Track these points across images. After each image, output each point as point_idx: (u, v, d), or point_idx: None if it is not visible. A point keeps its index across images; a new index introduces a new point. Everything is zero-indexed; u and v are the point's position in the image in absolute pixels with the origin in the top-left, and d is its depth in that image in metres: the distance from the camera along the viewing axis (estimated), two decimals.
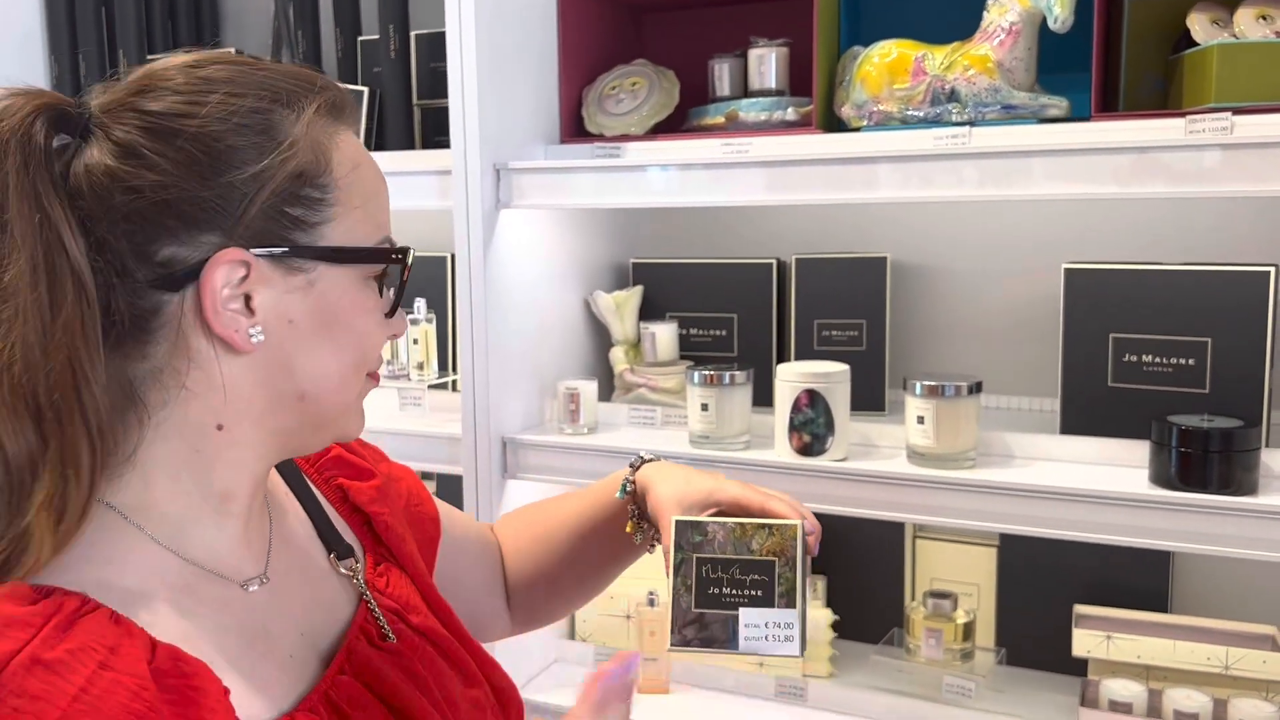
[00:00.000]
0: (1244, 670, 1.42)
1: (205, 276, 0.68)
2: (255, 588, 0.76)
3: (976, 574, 1.67)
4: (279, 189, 0.70)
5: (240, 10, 2.21)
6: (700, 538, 0.86)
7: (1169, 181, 1.23)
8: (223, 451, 0.72)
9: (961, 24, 1.44)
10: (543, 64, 1.65)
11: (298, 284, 0.72)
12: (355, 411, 0.79)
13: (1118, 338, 1.44)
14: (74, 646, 0.61)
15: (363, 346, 0.76)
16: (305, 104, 0.73)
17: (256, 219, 0.70)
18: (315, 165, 0.72)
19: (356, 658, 0.78)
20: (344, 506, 0.90)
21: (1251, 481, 1.24)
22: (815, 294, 1.67)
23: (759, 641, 0.84)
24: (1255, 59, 1.25)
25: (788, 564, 0.85)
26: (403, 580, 0.88)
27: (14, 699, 0.58)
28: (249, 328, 0.70)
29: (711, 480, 0.92)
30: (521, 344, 1.63)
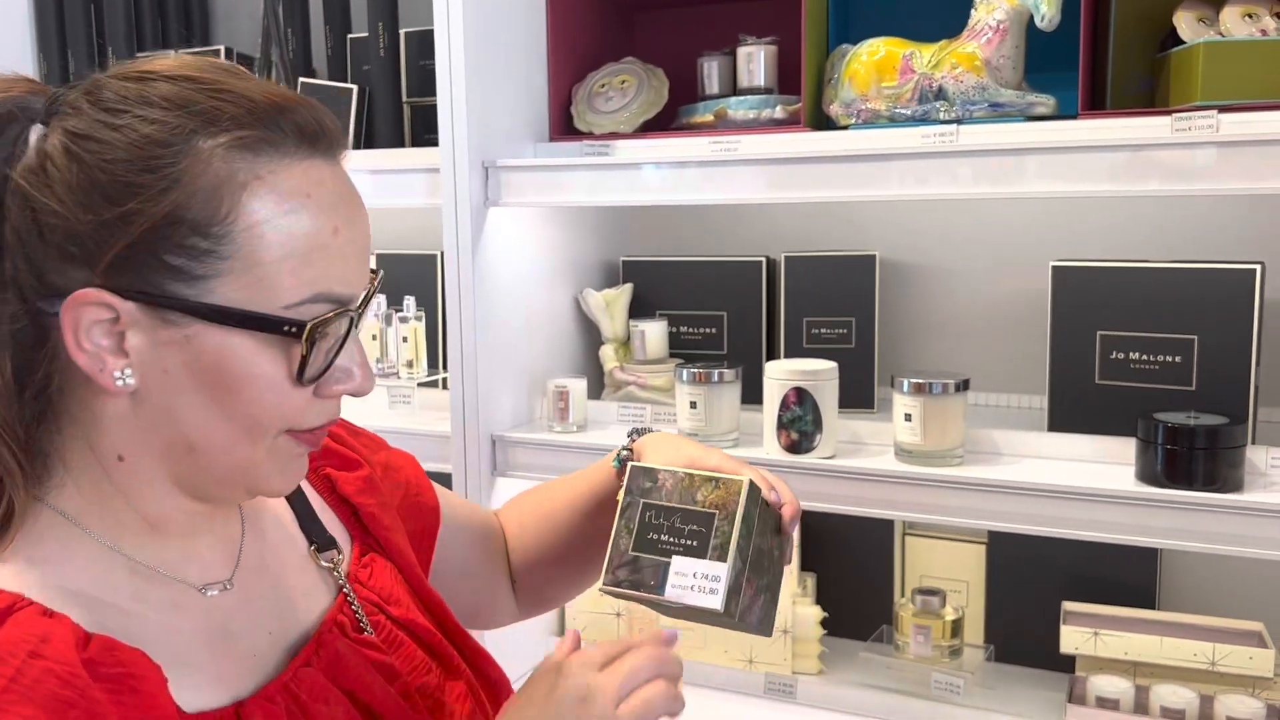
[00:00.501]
0: (1230, 666, 1.43)
1: (64, 312, 0.65)
2: (215, 592, 0.75)
3: (965, 571, 1.67)
4: (155, 233, 0.64)
5: (230, 8, 2.20)
6: (650, 484, 0.86)
7: (1155, 179, 1.24)
8: (131, 482, 0.71)
9: (949, 22, 1.44)
10: (532, 62, 1.65)
11: (171, 336, 0.66)
12: (270, 470, 0.72)
13: (1105, 335, 1.44)
14: (6, 638, 0.62)
15: (255, 413, 0.68)
16: (204, 134, 0.65)
17: (126, 262, 0.64)
18: (208, 213, 0.64)
19: (325, 650, 0.78)
20: (332, 497, 0.89)
21: (1237, 478, 1.25)
22: (804, 292, 1.67)
23: (684, 591, 0.83)
24: (1241, 57, 1.26)
25: (727, 518, 0.83)
26: (387, 571, 0.87)
27: None
28: (115, 369, 0.66)
29: (700, 449, 0.91)
30: (511, 342, 1.63)
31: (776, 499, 0.87)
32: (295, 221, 0.67)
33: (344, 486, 0.89)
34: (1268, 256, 1.46)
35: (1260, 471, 1.29)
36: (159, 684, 0.65)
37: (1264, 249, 1.50)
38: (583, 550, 1.03)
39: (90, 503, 0.71)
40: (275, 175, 0.66)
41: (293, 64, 1.88)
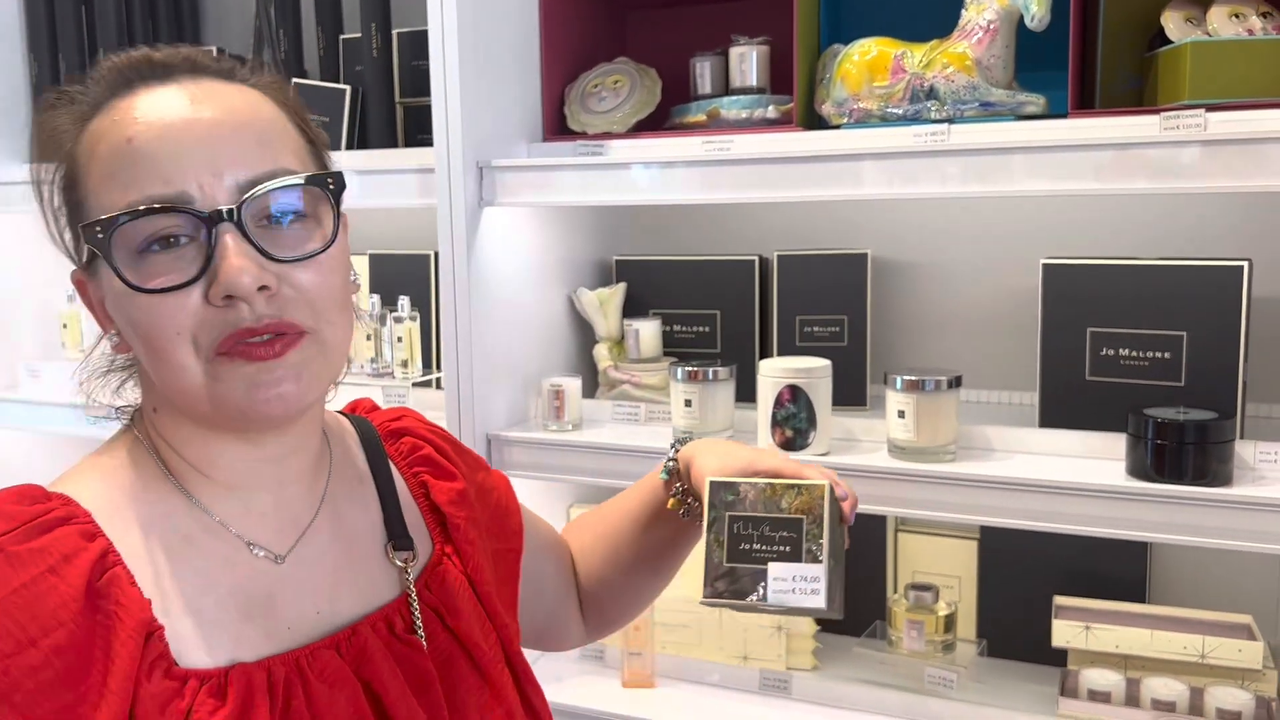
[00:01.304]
0: (1220, 659, 1.44)
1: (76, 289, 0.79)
2: (262, 554, 0.78)
3: (958, 566, 1.69)
4: (63, 208, 0.76)
5: (222, 9, 2.20)
6: (733, 497, 0.89)
7: (1144, 178, 1.25)
8: (167, 431, 0.78)
9: (940, 22, 1.45)
10: (525, 62, 1.66)
11: (101, 286, 0.76)
12: (227, 394, 0.72)
13: (1095, 332, 1.45)
14: (37, 547, 0.69)
15: (143, 334, 0.72)
16: (60, 108, 0.76)
17: (68, 239, 0.77)
18: (71, 173, 0.75)
19: (357, 640, 0.79)
20: (424, 503, 0.91)
21: (1226, 472, 1.26)
22: (797, 290, 1.69)
23: (786, 594, 0.87)
24: (1228, 56, 1.27)
25: (815, 521, 0.88)
26: (458, 584, 0.88)
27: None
28: (110, 331, 0.77)
29: (751, 451, 0.95)
30: (505, 341, 1.64)
31: (844, 494, 0.91)
32: (103, 147, 0.73)
33: (437, 495, 0.91)
34: (1256, 253, 1.47)
35: (1249, 466, 1.31)
36: (133, 629, 0.69)
37: (1252, 246, 1.51)
38: (643, 564, 1.06)
39: (164, 449, 0.78)
40: (96, 119, 0.74)
41: (285, 64, 1.88)
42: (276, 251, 0.72)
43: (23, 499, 0.72)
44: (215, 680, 0.72)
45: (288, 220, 0.74)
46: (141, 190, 0.70)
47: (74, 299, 2.03)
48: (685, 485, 0.99)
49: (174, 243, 0.70)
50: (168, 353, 0.71)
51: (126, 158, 0.71)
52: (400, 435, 0.94)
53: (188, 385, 0.72)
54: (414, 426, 0.96)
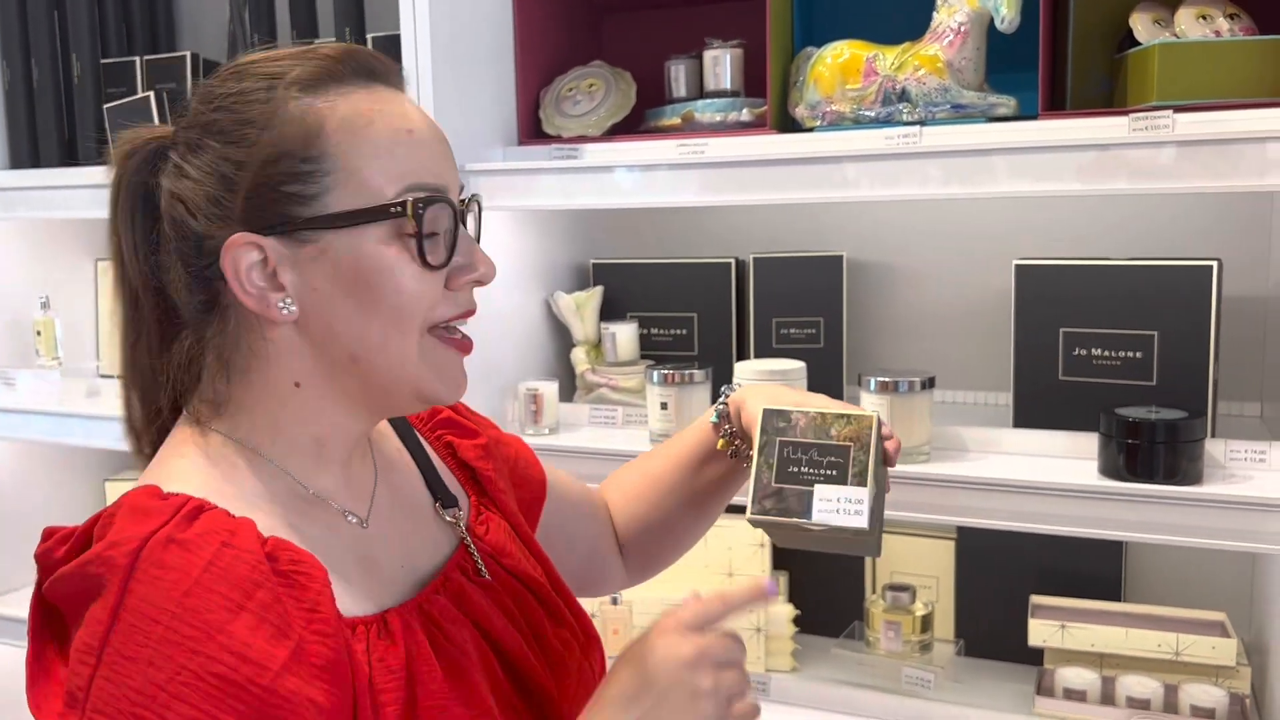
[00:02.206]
0: (1194, 656, 1.45)
1: (223, 262, 0.77)
2: (355, 520, 0.84)
3: (936, 567, 1.69)
4: (266, 171, 0.76)
5: (196, 14, 2.19)
6: (784, 424, 0.94)
7: (1113, 178, 1.26)
8: (307, 405, 0.81)
9: (912, 24, 1.46)
10: (500, 66, 1.66)
11: (310, 254, 0.77)
12: (427, 374, 0.80)
13: (1067, 332, 1.46)
14: (201, 530, 0.72)
15: (398, 306, 0.77)
16: (279, 84, 0.77)
17: (254, 204, 0.76)
18: (300, 139, 0.76)
19: (452, 584, 0.86)
20: (452, 461, 0.98)
21: (1196, 471, 1.27)
22: (773, 292, 1.69)
23: (831, 514, 0.91)
24: (1195, 58, 1.28)
25: (863, 449, 0.92)
26: (501, 528, 0.95)
27: (154, 569, 0.69)
28: (278, 301, 0.77)
29: (801, 394, 1.01)
30: (482, 345, 1.61)
31: (889, 433, 0.95)
32: (372, 131, 0.77)
33: (464, 452, 0.98)
34: (1225, 253, 1.49)
35: (1219, 464, 1.32)
36: (324, 582, 0.74)
37: (1222, 245, 1.53)
38: (689, 506, 1.11)
39: (263, 431, 0.81)
40: (345, 99, 0.78)
41: None
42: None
43: (153, 496, 0.75)
44: (376, 625, 0.78)
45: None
46: (419, 177, 0.78)
47: (48, 306, 2.02)
48: (734, 428, 1.04)
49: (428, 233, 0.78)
50: (412, 326, 0.78)
51: (407, 145, 0.78)
52: None
53: (408, 360, 0.79)
54: None
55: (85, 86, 1.99)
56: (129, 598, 0.69)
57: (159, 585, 0.69)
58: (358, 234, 0.76)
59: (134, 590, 0.69)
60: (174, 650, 0.67)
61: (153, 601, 0.68)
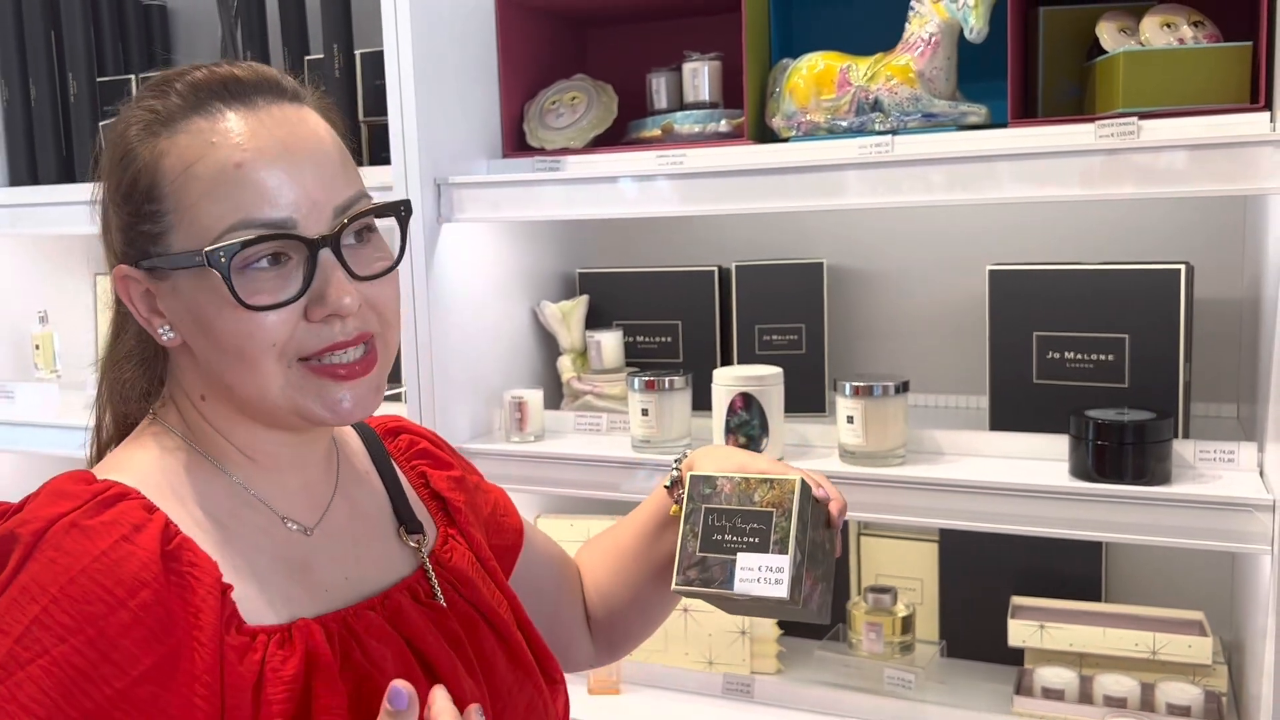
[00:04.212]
0: (1171, 655, 1.47)
1: (119, 290, 0.82)
2: (295, 528, 0.85)
3: (919, 569, 1.71)
4: (125, 209, 0.80)
5: (190, 32, 2.24)
6: (710, 490, 0.94)
7: (1081, 184, 1.28)
8: (216, 417, 0.84)
9: (885, 35, 1.48)
10: (483, 80, 1.69)
11: (167, 289, 0.80)
12: (303, 398, 0.79)
13: (1041, 336, 1.48)
14: (107, 520, 0.74)
15: (236, 344, 0.77)
16: (132, 124, 0.79)
17: (125, 238, 0.81)
18: (147, 182, 0.78)
19: (390, 603, 0.86)
20: (424, 491, 0.98)
21: (1164, 471, 1.29)
22: (755, 299, 1.72)
23: (752, 583, 0.90)
24: (1160, 65, 1.31)
25: (784, 515, 0.91)
26: (466, 558, 0.94)
27: (51, 550, 0.72)
28: (160, 326, 0.81)
29: (747, 456, 0.99)
30: (468, 355, 1.66)
31: (824, 495, 0.94)
32: (202, 168, 0.77)
33: (436, 482, 0.98)
34: (1200, 257, 1.51)
35: (1189, 464, 1.34)
36: (212, 588, 0.75)
37: (1196, 249, 1.55)
38: (653, 576, 1.08)
39: (199, 433, 0.84)
40: (181, 135, 0.78)
41: None
42: (360, 270, 0.80)
43: (78, 481, 0.77)
44: (280, 634, 0.78)
45: (364, 238, 0.82)
46: (248, 212, 0.76)
47: (46, 321, 2.06)
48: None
49: (277, 261, 0.77)
50: (258, 361, 0.78)
51: (233, 182, 0.76)
52: (398, 433, 1.02)
53: (267, 391, 0.79)
54: (409, 425, 1.04)
55: (82, 105, 2.03)
56: (22, 574, 0.71)
57: (51, 568, 0.71)
58: (187, 276, 0.78)
59: (28, 568, 0.71)
60: (42, 633, 0.69)
61: (39, 582, 0.70)
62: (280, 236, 0.76)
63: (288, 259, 0.77)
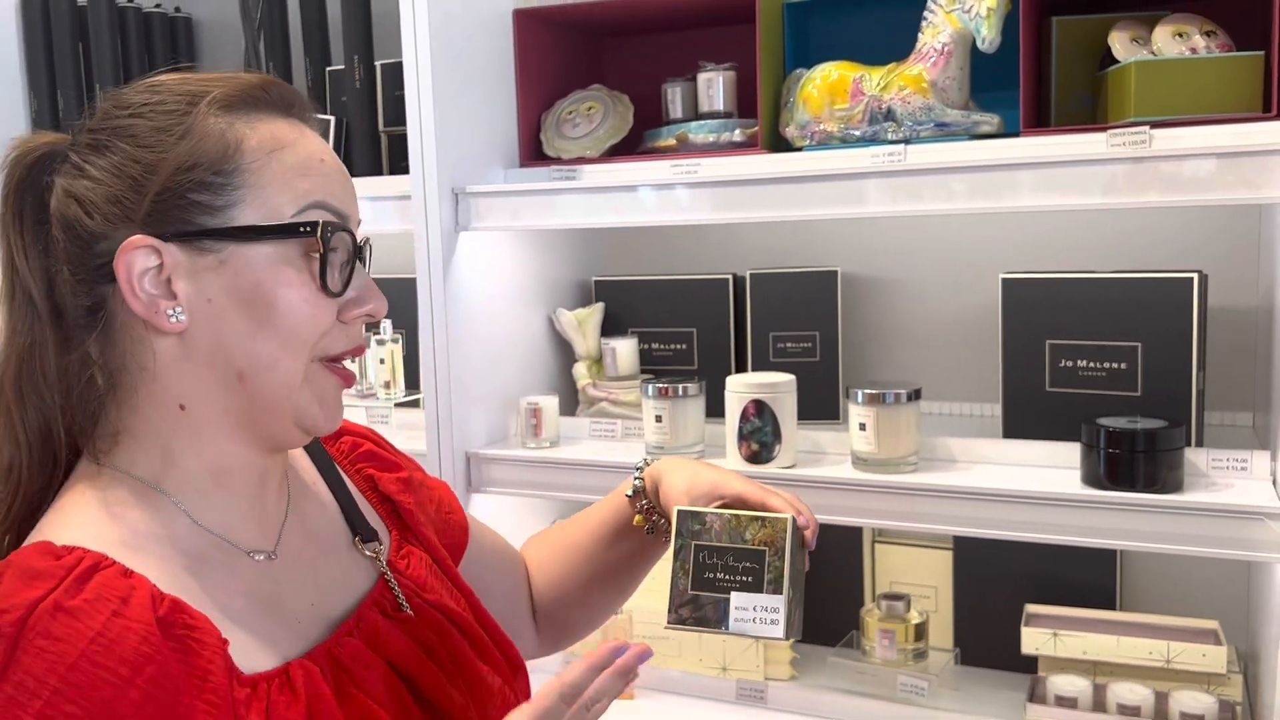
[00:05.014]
0: (1185, 664, 1.47)
1: (116, 264, 0.76)
2: (261, 558, 0.82)
3: (934, 577, 1.72)
4: (176, 178, 0.76)
5: (214, 44, 2.27)
6: (699, 526, 0.93)
7: (1093, 193, 1.29)
8: (194, 430, 0.79)
9: (898, 45, 1.49)
10: (501, 90, 1.71)
11: (209, 264, 0.76)
12: (309, 400, 0.80)
13: (1054, 344, 1.49)
14: (91, 597, 0.69)
15: (292, 326, 0.77)
16: (206, 97, 0.78)
17: (160, 208, 0.76)
18: (215, 153, 0.76)
19: (366, 624, 0.84)
20: (373, 495, 0.97)
21: (1176, 479, 1.29)
22: (770, 307, 1.73)
23: (747, 623, 0.91)
24: (1172, 75, 1.31)
25: (777, 554, 0.91)
26: (424, 561, 0.94)
27: (40, 640, 0.67)
28: (168, 309, 0.76)
29: (718, 474, 0.98)
30: (485, 361, 1.68)
31: (805, 523, 0.94)
32: (286, 153, 0.79)
33: (385, 485, 0.97)
34: (1215, 265, 1.51)
35: (1201, 473, 1.34)
36: (217, 649, 0.72)
37: (1212, 258, 1.55)
38: (604, 578, 1.10)
39: (158, 462, 0.79)
40: (264, 124, 0.79)
41: None
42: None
43: (44, 555, 0.71)
44: (279, 679, 0.76)
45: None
46: (325, 196, 0.79)
47: None
48: (651, 503, 1.04)
49: (333, 252, 0.79)
50: (300, 349, 0.78)
51: (318, 171, 0.80)
52: (339, 436, 0.99)
53: (292, 381, 0.79)
54: (349, 426, 1.00)
55: None
56: (12, 669, 0.66)
57: (44, 658, 0.66)
58: (261, 249, 0.77)
59: (19, 661, 0.66)
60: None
61: (35, 675, 0.66)
62: (347, 230, 0.80)
63: (337, 255, 0.80)
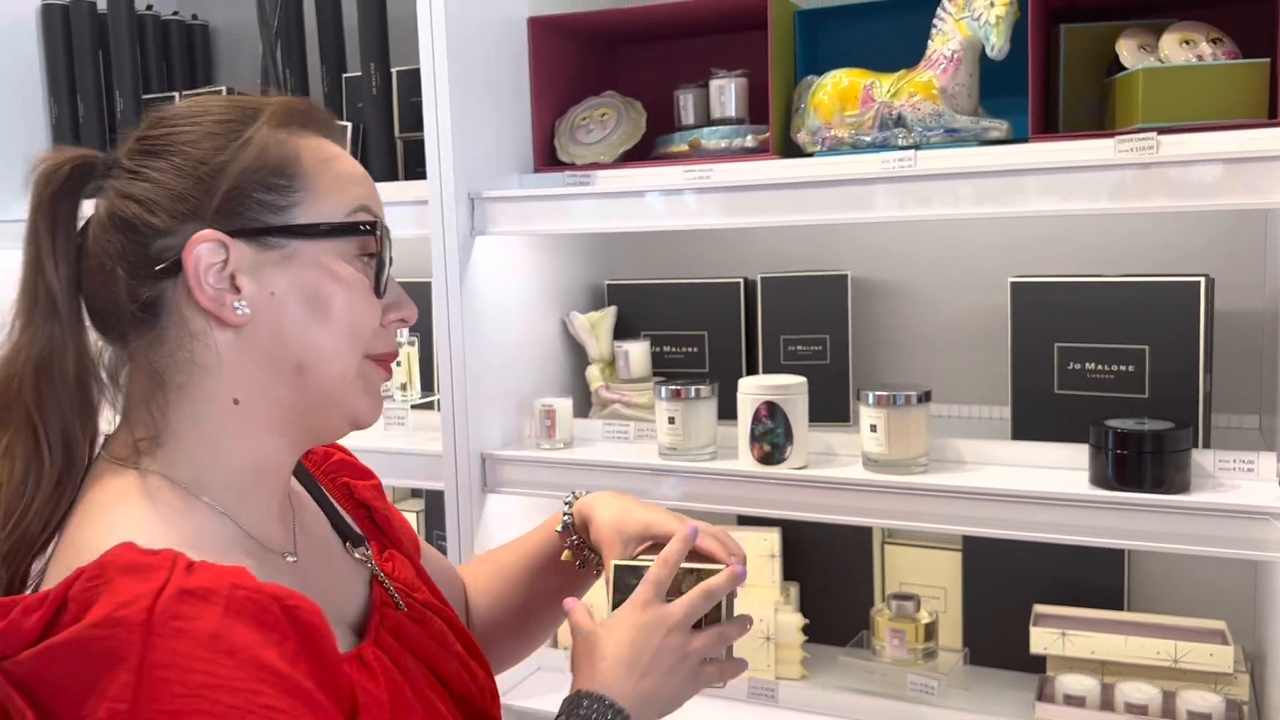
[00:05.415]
0: (1192, 663, 1.48)
1: (185, 257, 0.79)
2: (290, 559, 0.86)
3: (943, 578, 1.74)
4: (244, 178, 0.81)
5: (231, 51, 2.30)
6: (635, 580, 0.95)
7: (1101, 198, 1.30)
8: (244, 425, 0.82)
9: (908, 52, 1.52)
10: (516, 97, 1.73)
11: (274, 260, 0.81)
12: (360, 391, 0.85)
13: (1062, 347, 1.51)
14: (206, 578, 0.71)
15: (349, 320, 0.83)
16: (265, 112, 0.84)
17: (227, 205, 0.80)
18: (279, 159, 0.82)
19: (388, 622, 0.89)
20: (349, 502, 1.01)
21: (1183, 480, 1.31)
22: (780, 311, 1.75)
23: None
24: (1178, 82, 1.33)
25: (714, 607, 0.94)
26: (405, 564, 0.99)
27: (174, 621, 0.68)
28: (234, 302, 0.80)
29: (648, 513, 1.02)
30: (500, 364, 1.71)
31: (740, 572, 0.97)
32: (336, 165, 0.85)
33: (361, 492, 1.02)
34: (1223, 269, 1.53)
35: (1208, 474, 1.36)
36: (323, 617, 0.74)
37: (1220, 262, 1.56)
38: (530, 607, 1.13)
39: (200, 463, 0.81)
40: (312, 140, 0.85)
41: None
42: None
43: (139, 552, 0.72)
44: (355, 661, 0.81)
45: None
46: (368, 202, 0.86)
47: None
48: (581, 539, 1.08)
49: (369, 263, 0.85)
50: (355, 343, 0.84)
51: (362, 181, 0.87)
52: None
53: (348, 374, 0.84)
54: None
55: (128, 121, 2.10)
56: (152, 654, 0.66)
57: (184, 635, 0.67)
58: (321, 245, 0.82)
59: (156, 645, 0.67)
60: (219, 692, 0.67)
61: (182, 651, 0.67)
62: (389, 238, 0.87)
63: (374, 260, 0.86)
